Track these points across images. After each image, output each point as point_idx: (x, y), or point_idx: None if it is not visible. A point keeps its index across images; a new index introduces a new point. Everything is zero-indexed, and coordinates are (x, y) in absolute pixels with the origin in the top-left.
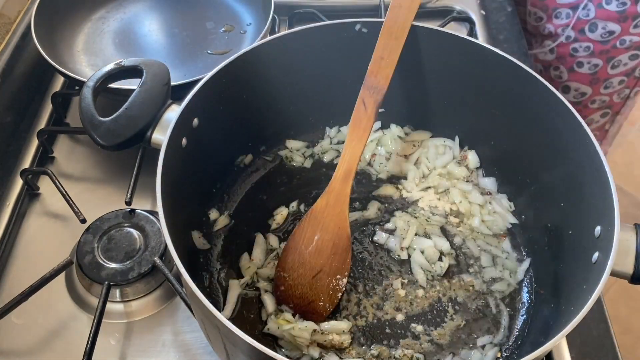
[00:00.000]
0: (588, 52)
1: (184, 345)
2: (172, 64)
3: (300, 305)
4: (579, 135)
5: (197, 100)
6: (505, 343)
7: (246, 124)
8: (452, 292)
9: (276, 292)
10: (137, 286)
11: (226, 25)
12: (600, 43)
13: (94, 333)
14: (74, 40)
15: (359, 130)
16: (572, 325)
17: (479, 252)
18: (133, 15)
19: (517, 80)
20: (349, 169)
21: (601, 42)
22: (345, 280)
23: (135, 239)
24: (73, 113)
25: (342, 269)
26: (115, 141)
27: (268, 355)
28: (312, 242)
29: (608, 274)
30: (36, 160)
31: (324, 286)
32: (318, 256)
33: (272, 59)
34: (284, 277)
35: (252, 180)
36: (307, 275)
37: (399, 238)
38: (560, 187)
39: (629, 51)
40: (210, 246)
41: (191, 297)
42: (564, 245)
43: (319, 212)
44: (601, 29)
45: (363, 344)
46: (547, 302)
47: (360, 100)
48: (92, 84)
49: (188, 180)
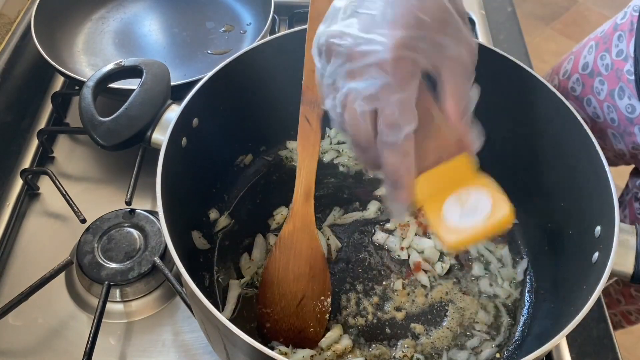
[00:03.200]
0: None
1: (184, 345)
2: (172, 64)
3: (291, 337)
4: (579, 135)
5: (197, 100)
6: (505, 343)
7: (246, 124)
8: (452, 293)
9: (262, 331)
10: (137, 286)
11: (226, 25)
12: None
13: (94, 333)
14: (74, 40)
15: (309, 147)
16: (572, 325)
17: (476, 255)
18: (133, 15)
19: (517, 80)
20: (308, 188)
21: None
22: (329, 300)
23: (135, 239)
24: (73, 113)
25: (324, 289)
26: (115, 141)
27: (268, 355)
28: (288, 270)
29: (608, 274)
30: (36, 160)
31: (310, 312)
32: (297, 283)
33: (272, 59)
34: (267, 314)
35: (252, 180)
36: (291, 305)
37: (398, 238)
38: (560, 187)
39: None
40: (210, 246)
41: (191, 297)
42: (564, 245)
43: (287, 238)
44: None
45: (363, 344)
46: (547, 302)
47: (302, 117)
48: (92, 84)
49: (188, 180)
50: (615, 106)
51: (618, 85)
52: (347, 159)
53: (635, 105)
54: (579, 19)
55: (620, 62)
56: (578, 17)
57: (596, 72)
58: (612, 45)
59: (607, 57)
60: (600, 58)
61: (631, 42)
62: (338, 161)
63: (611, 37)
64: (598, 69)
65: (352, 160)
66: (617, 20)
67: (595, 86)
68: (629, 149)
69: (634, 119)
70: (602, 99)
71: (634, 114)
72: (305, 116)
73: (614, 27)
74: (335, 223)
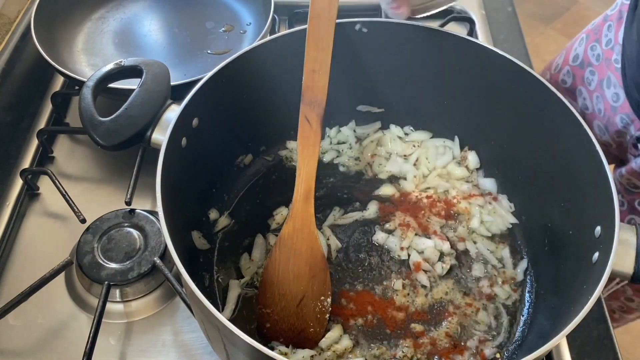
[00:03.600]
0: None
1: (184, 345)
2: (172, 64)
3: (291, 337)
4: (579, 135)
5: (197, 100)
6: (505, 343)
7: (246, 124)
8: (453, 293)
9: (262, 331)
10: (137, 286)
11: (226, 25)
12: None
13: (94, 333)
14: (73, 40)
15: (309, 147)
16: (572, 325)
17: (476, 255)
18: (133, 15)
19: (517, 80)
20: (308, 188)
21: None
22: (329, 300)
23: (135, 239)
24: (73, 113)
25: (324, 289)
26: (115, 141)
27: (268, 355)
28: (288, 270)
29: (608, 274)
30: (36, 160)
31: (310, 312)
32: (297, 283)
33: (272, 59)
34: (267, 314)
35: (252, 180)
36: (291, 305)
37: (398, 238)
38: (560, 187)
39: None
40: (210, 246)
41: (191, 297)
42: (564, 245)
43: (287, 238)
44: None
45: (363, 344)
46: (547, 302)
47: (302, 117)
48: (91, 84)
49: (188, 180)
50: (603, 96)
51: (607, 74)
52: (347, 159)
53: (619, 94)
54: (579, 19)
55: (609, 52)
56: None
57: (586, 63)
58: (602, 36)
59: (597, 47)
60: (590, 49)
61: (620, 30)
62: (338, 161)
63: (601, 28)
64: (588, 59)
65: (352, 160)
66: (607, 12)
67: (586, 77)
68: (613, 138)
69: (617, 108)
70: (593, 89)
71: (618, 102)
72: (305, 116)
73: (604, 18)
74: (335, 223)
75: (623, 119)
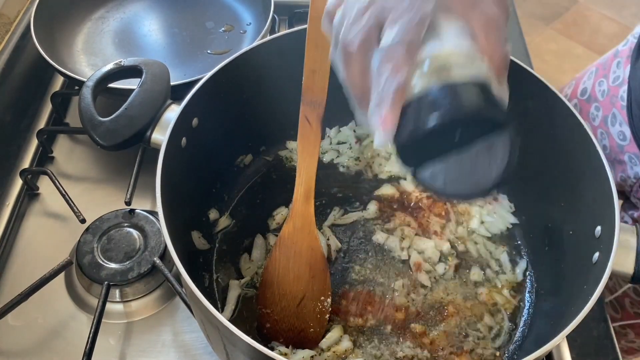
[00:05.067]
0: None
1: (184, 345)
2: (172, 64)
3: (291, 337)
4: (579, 135)
5: (197, 100)
6: (505, 343)
7: (246, 124)
8: (453, 293)
9: (262, 331)
10: (137, 286)
11: (226, 25)
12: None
13: (94, 333)
14: (73, 40)
15: (309, 148)
16: (572, 325)
17: (476, 255)
18: (133, 15)
19: (516, 81)
20: (308, 188)
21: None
22: (329, 300)
23: (135, 239)
24: (73, 113)
25: (324, 289)
26: (114, 141)
27: (268, 355)
28: (288, 270)
29: (608, 274)
30: (36, 160)
31: (310, 312)
32: (298, 283)
33: (272, 59)
34: (267, 314)
35: (252, 180)
36: (291, 305)
37: (398, 238)
38: (561, 187)
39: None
40: (210, 246)
41: (191, 298)
42: (564, 245)
43: (287, 238)
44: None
45: (363, 344)
46: (547, 302)
47: (302, 117)
48: (91, 83)
49: (188, 180)
50: (608, 132)
51: (611, 111)
52: (347, 159)
53: (625, 133)
54: (579, 19)
55: (616, 89)
56: (578, 17)
57: (593, 98)
58: (610, 72)
59: (604, 83)
60: (598, 84)
61: (627, 67)
62: (338, 161)
63: (610, 64)
64: (595, 94)
65: (352, 160)
66: (618, 47)
67: (591, 112)
68: (617, 180)
69: (624, 147)
70: (597, 125)
71: (625, 141)
72: (305, 116)
73: (615, 53)
74: (335, 223)
75: (632, 158)
